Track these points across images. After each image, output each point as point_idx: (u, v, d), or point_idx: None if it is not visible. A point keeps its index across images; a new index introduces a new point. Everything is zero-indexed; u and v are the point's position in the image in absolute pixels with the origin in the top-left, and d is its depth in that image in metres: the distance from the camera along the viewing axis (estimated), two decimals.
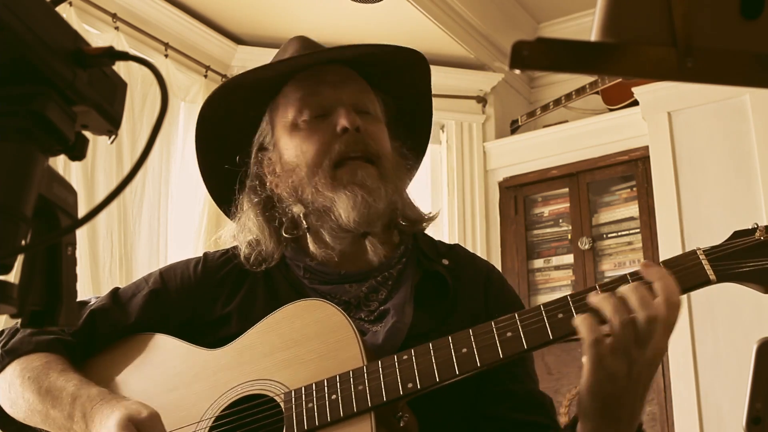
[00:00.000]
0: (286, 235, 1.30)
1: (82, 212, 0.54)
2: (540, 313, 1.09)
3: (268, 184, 1.33)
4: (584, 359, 1.05)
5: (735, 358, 3.04)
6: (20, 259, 0.54)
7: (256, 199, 1.33)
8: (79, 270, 0.61)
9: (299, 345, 1.18)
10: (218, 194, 1.40)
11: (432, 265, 1.32)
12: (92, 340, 1.30)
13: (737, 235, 1.11)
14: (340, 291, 1.29)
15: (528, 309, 1.11)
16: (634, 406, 1.07)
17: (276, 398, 1.16)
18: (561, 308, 1.09)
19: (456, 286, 1.30)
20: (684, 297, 1.09)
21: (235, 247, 1.39)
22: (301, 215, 1.29)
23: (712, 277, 1.08)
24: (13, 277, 0.52)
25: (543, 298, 3.80)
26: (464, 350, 1.09)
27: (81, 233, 2.88)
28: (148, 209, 3.27)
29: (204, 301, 1.32)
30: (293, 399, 1.14)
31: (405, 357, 1.11)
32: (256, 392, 1.18)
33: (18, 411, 1.24)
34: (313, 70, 1.31)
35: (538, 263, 3.89)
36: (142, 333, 1.31)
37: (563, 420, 3.37)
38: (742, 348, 2.98)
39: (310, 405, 1.12)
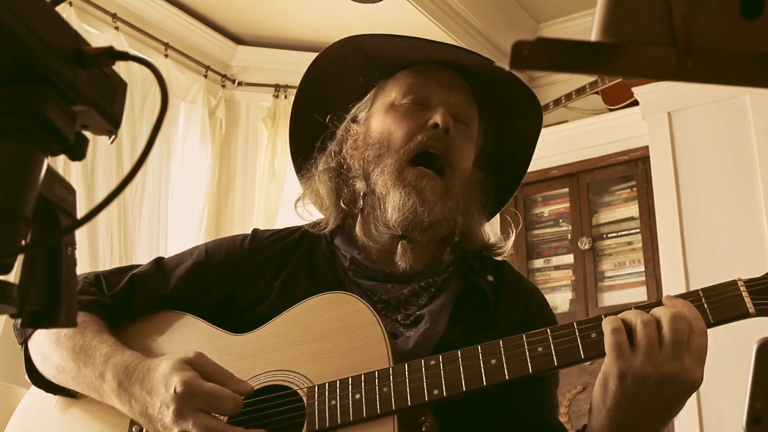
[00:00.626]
0: (344, 207, 1.31)
1: (82, 212, 0.54)
2: (573, 332, 1.08)
3: (343, 151, 1.35)
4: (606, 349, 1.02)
5: (735, 358, 3.04)
6: (20, 259, 0.54)
7: (332, 164, 1.34)
8: (79, 270, 0.61)
9: (325, 338, 1.17)
10: (297, 146, 1.42)
11: (476, 279, 1.31)
12: (130, 305, 1.30)
13: None
14: (382, 289, 1.28)
15: (561, 325, 1.10)
16: (641, 421, 1.04)
17: (299, 392, 1.15)
18: (594, 328, 1.07)
19: (496, 303, 1.29)
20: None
21: (284, 228, 1.40)
22: (362, 193, 1.30)
23: (752, 310, 1.04)
24: (13, 277, 0.52)
25: None
26: (493, 361, 1.08)
27: (81, 233, 2.88)
28: (148, 209, 3.27)
29: (246, 279, 1.31)
30: (316, 395, 1.13)
31: (432, 362, 1.10)
32: (279, 383, 1.17)
33: (49, 367, 1.23)
34: (432, 67, 1.32)
35: (538, 263, 3.89)
36: (170, 311, 1.30)
37: (563, 420, 3.37)
38: (742, 348, 2.98)
39: (333, 402, 1.11)
